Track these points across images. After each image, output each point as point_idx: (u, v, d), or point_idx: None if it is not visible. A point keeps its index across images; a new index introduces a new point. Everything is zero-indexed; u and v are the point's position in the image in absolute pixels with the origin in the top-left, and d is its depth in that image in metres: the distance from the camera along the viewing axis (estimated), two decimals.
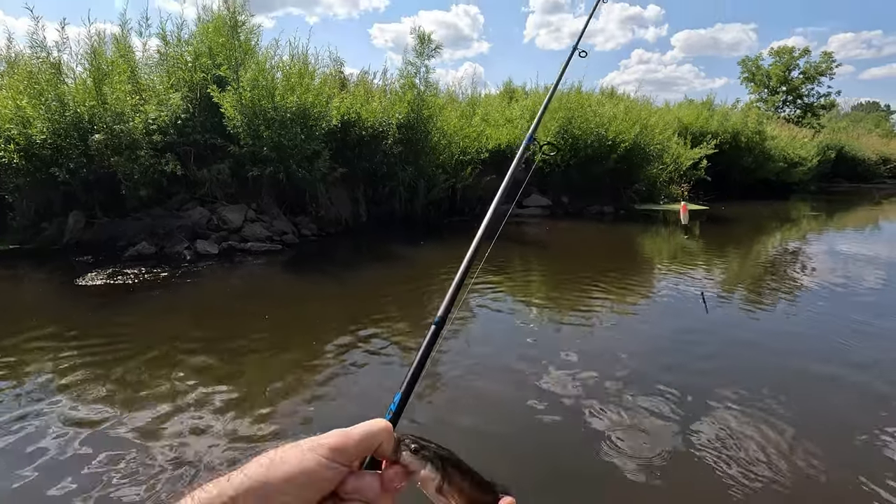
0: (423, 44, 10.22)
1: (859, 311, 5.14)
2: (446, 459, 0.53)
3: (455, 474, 0.53)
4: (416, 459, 0.51)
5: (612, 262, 7.88)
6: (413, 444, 0.52)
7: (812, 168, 21.15)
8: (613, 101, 15.25)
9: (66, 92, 7.03)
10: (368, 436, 0.50)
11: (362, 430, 0.50)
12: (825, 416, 3.10)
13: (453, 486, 0.52)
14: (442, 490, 0.52)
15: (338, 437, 0.48)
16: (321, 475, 0.46)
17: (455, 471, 0.53)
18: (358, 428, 0.50)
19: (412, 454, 0.51)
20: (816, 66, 34.35)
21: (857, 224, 12.76)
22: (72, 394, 3.14)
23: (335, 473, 0.47)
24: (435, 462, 0.52)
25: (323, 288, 6.03)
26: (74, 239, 7.27)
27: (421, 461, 0.51)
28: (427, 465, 0.51)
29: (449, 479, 0.52)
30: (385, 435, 0.51)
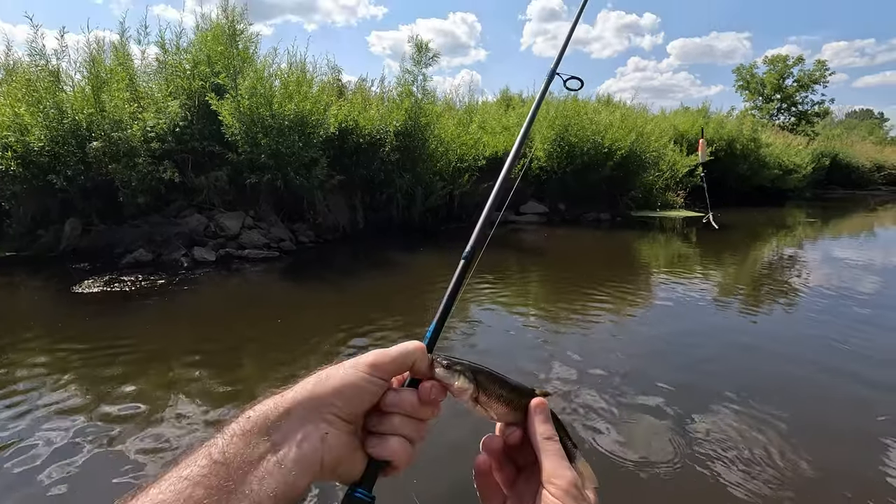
0: (420, 52, 10.30)
1: (856, 316, 5.17)
2: (478, 371, 0.56)
3: (488, 383, 0.56)
4: (448, 373, 0.55)
5: (610, 268, 7.90)
6: (445, 361, 0.55)
7: (807, 175, 21.32)
8: (609, 108, 15.37)
9: (64, 100, 7.04)
10: (403, 354, 0.54)
11: (398, 348, 0.54)
12: (822, 419, 3.10)
13: (488, 394, 0.56)
14: (478, 399, 0.56)
15: (376, 355, 0.53)
16: (363, 388, 0.51)
17: (487, 380, 0.56)
18: (394, 347, 0.54)
19: (445, 369, 0.55)
20: (810, 74, 34.71)
21: (852, 231, 12.85)
22: (67, 401, 3.12)
23: (376, 387, 0.52)
24: (466, 374, 0.55)
25: (321, 295, 6.03)
26: (71, 246, 7.25)
27: (453, 374, 0.55)
28: (459, 378, 0.55)
29: (483, 388, 0.56)
30: (419, 353, 0.55)
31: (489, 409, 0.56)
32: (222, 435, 0.46)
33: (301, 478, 0.46)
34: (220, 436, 0.46)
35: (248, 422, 0.47)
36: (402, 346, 0.55)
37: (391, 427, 0.53)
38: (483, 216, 0.73)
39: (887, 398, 3.38)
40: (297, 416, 0.48)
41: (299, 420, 0.48)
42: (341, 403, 0.50)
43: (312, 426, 0.48)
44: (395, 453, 0.52)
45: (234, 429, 0.46)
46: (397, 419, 0.53)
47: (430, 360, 0.55)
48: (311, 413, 0.48)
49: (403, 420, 0.53)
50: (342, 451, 0.50)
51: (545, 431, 0.56)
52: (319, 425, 0.48)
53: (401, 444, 0.53)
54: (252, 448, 0.45)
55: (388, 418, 0.53)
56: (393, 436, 0.53)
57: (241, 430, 0.46)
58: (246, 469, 0.44)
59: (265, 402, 0.49)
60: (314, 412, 0.49)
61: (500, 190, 0.79)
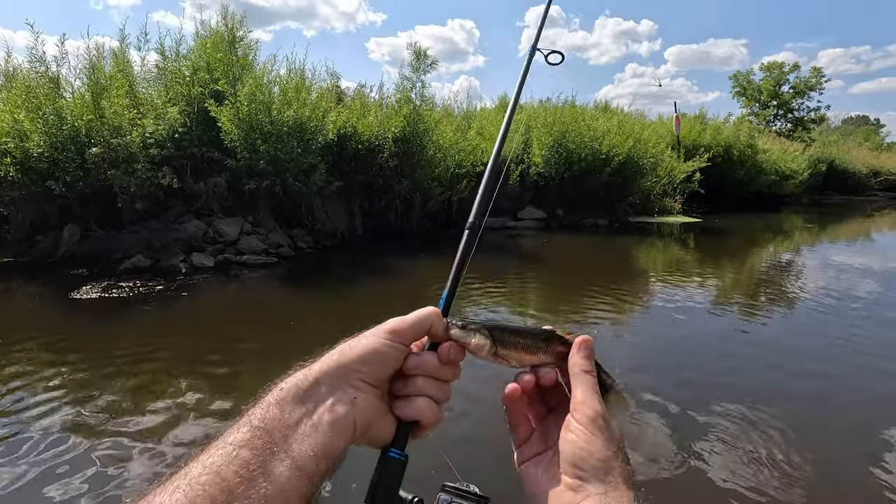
0: (419, 59, 10.36)
1: (855, 320, 5.19)
2: (493, 327, 0.59)
3: (503, 335, 0.59)
4: (464, 332, 0.58)
5: (609, 274, 7.92)
6: (460, 322, 0.59)
7: (804, 181, 21.41)
8: (607, 115, 15.44)
9: (63, 106, 7.06)
10: (420, 318, 0.57)
11: (414, 314, 0.58)
12: (823, 423, 3.11)
13: (506, 346, 0.59)
14: (497, 353, 0.59)
15: (394, 321, 0.57)
16: (386, 354, 0.54)
17: (503, 333, 0.59)
18: (411, 314, 0.57)
19: (461, 329, 0.58)
20: (806, 81, 34.96)
21: (849, 236, 12.90)
22: (64, 408, 3.11)
23: (397, 352, 0.55)
24: (482, 331, 0.58)
25: (319, 301, 6.03)
26: (69, 252, 7.25)
27: (469, 332, 0.58)
28: (476, 335, 0.58)
29: (499, 342, 0.59)
30: (434, 318, 0.58)
31: (510, 359, 0.59)
32: (258, 406, 0.49)
33: (337, 439, 0.49)
34: (257, 407, 0.49)
35: (280, 392, 0.50)
36: (418, 311, 0.58)
37: (416, 388, 0.56)
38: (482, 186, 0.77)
39: (888, 401, 3.39)
40: (326, 384, 0.51)
41: (329, 387, 0.51)
42: (367, 369, 0.53)
43: (342, 392, 0.51)
44: (422, 412, 0.55)
45: (269, 399, 0.50)
46: (421, 380, 0.56)
47: (445, 323, 0.58)
48: (340, 380, 0.52)
49: (427, 381, 0.56)
50: (372, 413, 0.53)
51: (584, 365, 0.58)
52: (348, 391, 0.51)
53: (426, 404, 0.56)
54: (289, 414, 0.48)
55: (412, 381, 0.56)
56: (418, 396, 0.56)
57: (276, 399, 0.49)
58: (285, 432, 0.47)
59: (294, 375, 0.53)
60: (342, 379, 0.52)
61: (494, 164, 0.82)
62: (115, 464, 2.55)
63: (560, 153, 12.65)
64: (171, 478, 0.43)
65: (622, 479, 0.51)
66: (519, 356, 0.59)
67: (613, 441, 0.53)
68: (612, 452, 0.52)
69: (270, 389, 0.51)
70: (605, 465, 0.51)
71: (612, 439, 0.53)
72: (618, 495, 0.49)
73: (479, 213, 0.73)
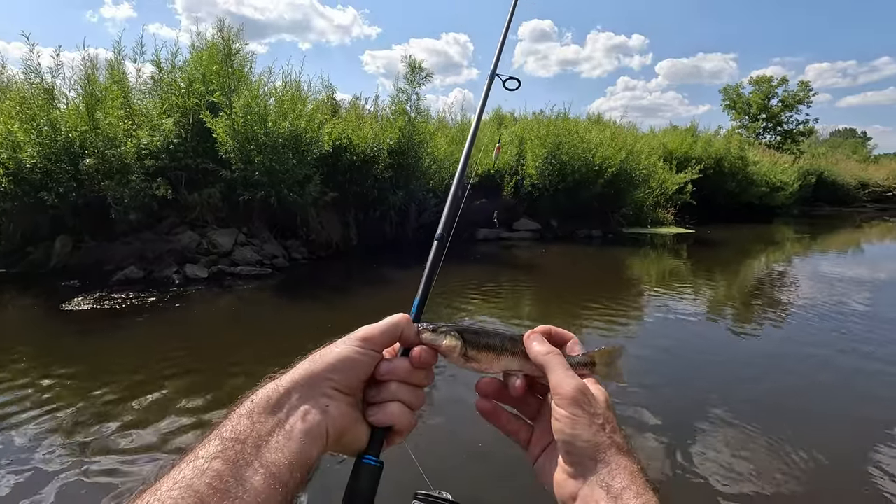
0: (413, 72, 10.46)
1: (847, 329, 5.23)
2: (463, 330, 0.59)
3: (474, 338, 0.59)
4: (435, 336, 0.58)
5: (603, 284, 7.95)
6: (431, 326, 0.59)
7: (794, 192, 21.68)
8: (600, 127, 15.62)
9: (58, 117, 7.05)
10: (391, 325, 0.58)
11: (385, 321, 0.58)
12: (817, 433, 3.12)
13: (477, 348, 0.59)
14: (467, 354, 0.59)
15: (365, 329, 0.57)
16: (357, 360, 0.54)
17: (473, 335, 0.59)
18: (382, 321, 0.58)
19: (431, 333, 0.58)
20: (794, 94, 35.56)
21: (840, 247, 13.04)
22: (53, 420, 3.07)
23: (369, 359, 0.55)
24: (452, 334, 0.59)
25: (313, 313, 6.00)
26: (61, 263, 7.19)
27: (440, 335, 0.58)
28: (446, 338, 0.58)
29: (470, 343, 0.59)
30: (405, 323, 0.58)
31: (481, 361, 0.59)
32: (229, 419, 0.49)
33: (311, 447, 0.49)
34: (228, 420, 0.48)
35: (251, 404, 0.50)
36: (388, 318, 0.58)
37: (389, 394, 0.56)
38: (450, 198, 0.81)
39: (880, 408, 3.41)
40: (298, 393, 0.51)
41: (301, 397, 0.50)
42: (338, 377, 0.53)
43: (314, 401, 0.51)
44: (395, 417, 0.55)
45: (240, 412, 0.49)
46: (393, 385, 0.56)
47: (416, 328, 0.59)
48: (311, 389, 0.51)
49: (400, 386, 0.56)
50: (344, 421, 0.52)
51: (542, 349, 0.58)
52: (320, 400, 0.51)
53: (400, 409, 0.55)
54: (261, 425, 0.48)
55: (385, 387, 0.56)
56: (392, 402, 0.55)
57: (247, 411, 0.49)
58: (258, 442, 0.47)
59: (265, 386, 0.52)
60: (313, 388, 0.51)
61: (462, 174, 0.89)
62: (105, 477, 2.51)
63: (554, 165, 12.76)
64: (140, 495, 0.42)
65: (615, 449, 0.51)
66: (489, 358, 0.59)
67: (598, 414, 0.53)
68: (598, 426, 0.52)
69: (241, 402, 0.50)
70: (593, 444, 0.51)
71: (597, 412, 0.53)
72: (613, 470, 0.49)
73: (446, 226, 0.75)
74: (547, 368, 0.57)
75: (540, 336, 0.61)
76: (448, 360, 0.59)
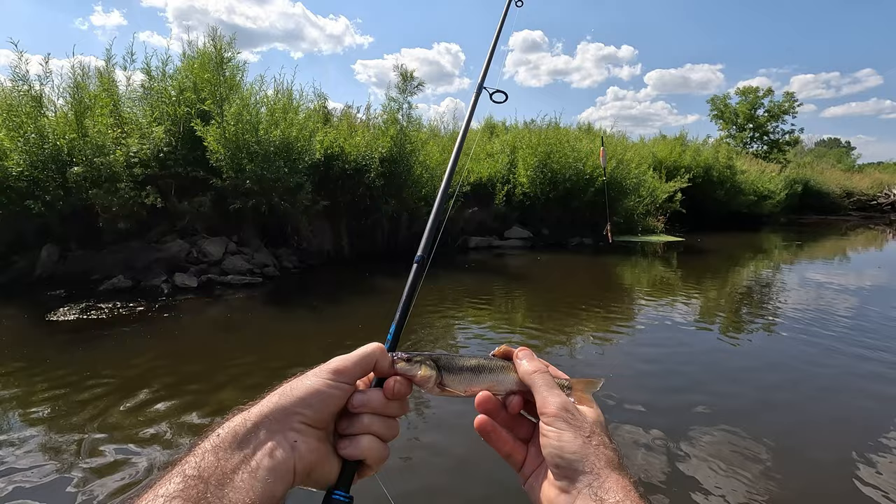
0: (405, 81, 10.51)
1: (835, 336, 5.28)
2: (437, 359, 0.58)
3: (449, 364, 0.58)
4: (409, 365, 0.57)
5: (595, 292, 7.97)
6: (405, 355, 0.58)
7: (781, 201, 21.99)
8: (590, 136, 15.78)
9: (45, 125, 6.98)
10: (364, 355, 0.56)
11: (358, 351, 0.56)
12: (805, 439, 3.14)
13: (453, 375, 0.58)
14: (442, 383, 0.58)
15: (338, 361, 0.55)
16: (328, 394, 0.52)
17: (449, 362, 0.59)
18: (355, 351, 0.56)
19: (406, 362, 0.57)
20: (780, 105, 36.18)
21: (827, 254, 13.22)
22: (38, 433, 3.00)
23: (341, 391, 0.53)
24: (427, 363, 0.58)
25: (303, 322, 5.96)
26: (47, 272, 7.08)
27: (414, 365, 0.57)
28: (421, 367, 0.57)
29: (446, 370, 0.58)
30: (379, 353, 0.57)
31: (457, 388, 0.58)
32: (193, 454, 0.46)
33: (276, 485, 0.47)
34: (191, 455, 0.46)
35: (217, 438, 0.47)
36: (362, 348, 0.57)
37: (361, 426, 0.54)
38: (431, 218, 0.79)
39: (869, 414, 3.44)
40: (265, 427, 0.49)
41: (268, 432, 0.48)
42: (308, 411, 0.51)
43: (281, 436, 0.49)
44: (367, 451, 0.53)
45: (204, 446, 0.47)
46: (366, 418, 0.54)
47: (390, 358, 0.57)
48: (279, 423, 0.49)
49: (372, 419, 0.54)
50: (313, 456, 0.50)
51: (530, 367, 0.58)
52: (288, 434, 0.49)
53: (371, 442, 0.54)
54: (225, 461, 0.45)
55: (358, 419, 0.54)
56: (364, 435, 0.54)
57: (213, 446, 0.46)
58: (222, 480, 0.44)
59: (232, 418, 0.49)
60: (282, 422, 0.49)
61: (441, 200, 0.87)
62: (88, 490, 2.46)
63: (545, 173, 12.85)
64: None
65: (605, 462, 0.50)
66: (466, 385, 0.58)
67: (584, 428, 0.52)
68: (585, 438, 0.51)
69: (207, 435, 0.48)
70: (581, 456, 0.50)
71: (583, 426, 0.52)
72: (605, 483, 0.48)
73: (427, 247, 0.74)
74: (533, 387, 0.57)
75: (529, 352, 0.60)
76: (423, 389, 0.58)
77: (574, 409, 0.54)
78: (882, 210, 30.50)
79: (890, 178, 35.13)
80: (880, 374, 4.28)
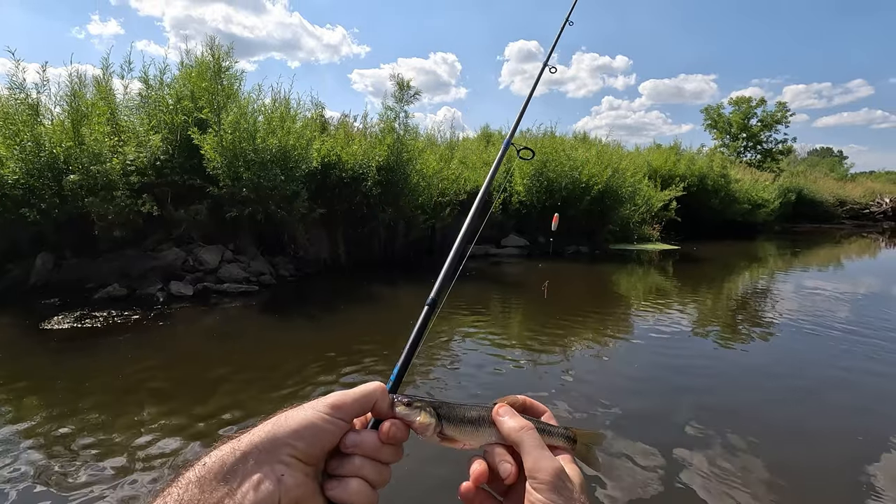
0: (402, 90, 10.58)
1: (830, 344, 5.31)
2: (438, 406, 0.56)
3: (450, 413, 0.56)
4: (409, 410, 0.55)
5: (592, 300, 7.99)
6: (406, 399, 0.55)
7: (775, 210, 22.14)
8: (586, 145, 15.87)
9: (42, 133, 6.97)
10: (364, 394, 0.53)
11: (359, 389, 0.54)
12: (802, 448, 3.14)
13: (453, 425, 0.56)
14: (443, 432, 0.56)
15: (337, 396, 0.53)
16: (322, 429, 0.50)
17: (450, 411, 0.56)
18: (356, 388, 0.54)
19: (406, 407, 0.55)
20: (772, 114, 36.56)
21: (821, 262, 13.30)
22: (30, 442, 2.97)
23: (336, 428, 0.51)
24: (427, 409, 0.55)
25: (299, 331, 5.93)
26: (41, 281, 7.03)
27: (414, 410, 0.55)
28: (421, 413, 0.55)
29: (447, 419, 0.56)
30: (379, 394, 0.54)
31: (457, 438, 0.56)
32: (177, 484, 0.44)
33: None
34: (175, 485, 0.44)
35: (203, 468, 0.45)
36: (363, 386, 0.54)
37: (351, 469, 0.51)
38: (446, 266, 0.75)
39: (863, 421, 3.45)
40: (254, 458, 0.47)
41: (257, 462, 0.46)
42: (300, 444, 0.49)
43: (269, 468, 0.47)
44: (354, 495, 0.50)
45: (189, 477, 0.45)
46: (358, 460, 0.52)
47: (391, 400, 0.55)
48: (268, 455, 0.47)
49: (364, 462, 0.52)
50: (299, 492, 0.48)
51: (514, 425, 0.55)
52: (276, 467, 0.47)
53: (360, 486, 0.51)
54: (209, 494, 0.44)
55: (349, 460, 0.52)
56: (353, 478, 0.51)
57: (197, 476, 0.45)
58: None
59: (222, 447, 0.48)
60: (271, 454, 0.47)
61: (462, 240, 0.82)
62: (79, 498, 2.43)
63: (541, 182, 12.92)
64: None
65: None
66: (466, 435, 0.56)
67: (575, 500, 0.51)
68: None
69: (193, 465, 0.46)
70: None
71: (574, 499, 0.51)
72: None
73: (441, 290, 0.71)
74: (521, 447, 0.54)
75: (509, 409, 0.57)
76: (421, 437, 0.55)
77: (566, 477, 0.52)
78: (875, 218, 30.79)
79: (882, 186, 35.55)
80: (879, 380, 4.30)
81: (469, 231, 0.84)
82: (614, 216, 14.32)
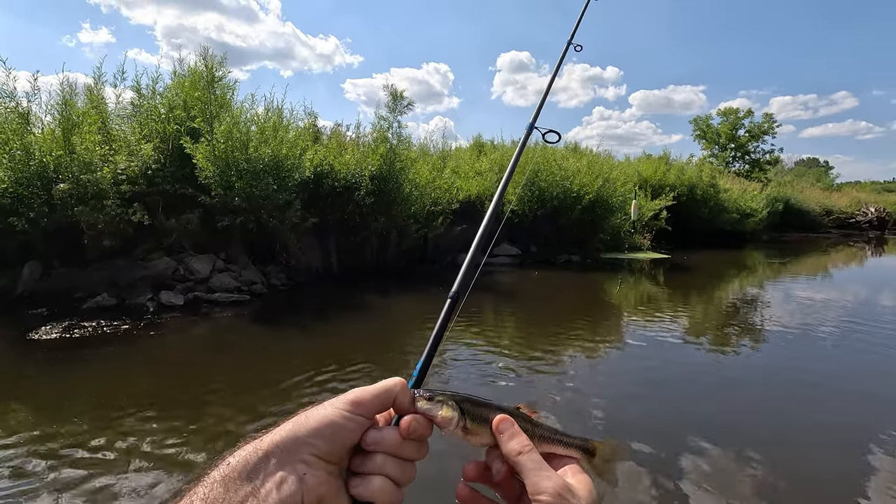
0: (395, 100, 10.65)
1: (821, 352, 5.37)
2: (461, 400, 0.55)
3: (473, 409, 0.55)
4: (431, 404, 0.54)
5: (583, 309, 8.03)
6: (427, 393, 0.54)
7: (763, 219, 22.43)
8: (577, 155, 16.03)
9: (32, 141, 6.92)
10: (384, 390, 0.53)
11: (379, 385, 0.54)
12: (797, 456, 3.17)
13: (476, 421, 0.55)
14: (466, 427, 0.54)
15: (357, 392, 0.52)
16: (343, 426, 0.50)
17: (473, 406, 0.55)
18: (375, 384, 0.54)
19: (427, 401, 0.54)
20: (760, 125, 37.17)
21: (809, 271, 13.48)
22: (14, 459, 2.92)
23: (356, 425, 0.51)
24: (449, 404, 0.54)
25: (290, 341, 5.90)
26: (29, 290, 6.94)
27: (436, 404, 0.54)
28: (443, 407, 0.54)
29: (469, 415, 0.55)
30: (400, 389, 0.54)
31: (480, 435, 0.55)
32: (203, 483, 0.45)
33: None
34: (201, 484, 0.45)
35: (227, 468, 0.46)
36: (383, 382, 0.54)
37: (374, 466, 0.51)
38: (468, 258, 0.75)
39: (858, 427, 3.49)
40: (276, 457, 0.47)
41: (279, 462, 0.47)
42: (320, 443, 0.49)
43: (290, 467, 0.47)
44: (377, 493, 0.50)
45: (214, 476, 0.46)
46: (380, 458, 0.51)
47: (412, 395, 0.54)
48: (291, 454, 0.47)
49: (387, 459, 0.51)
50: (321, 490, 0.48)
51: (514, 447, 0.54)
52: (298, 466, 0.47)
53: (383, 484, 0.50)
54: (234, 493, 0.44)
55: (371, 457, 0.51)
56: (375, 476, 0.51)
57: (222, 476, 0.45)
58: None
59: (245, 447, 0.48)
60: (293, 453, 0.48)
61: (484, 232, 0.80)
62: None
63: (533, 191, 13.01)
64: None
65: None
66: (489, 433, 0.55)
67: None
68: None
69: (217, 464, 0.47)
70: None
71: None
72: None
73: (463, 283, 0.70)
74: (520, 470, 0.53)
75: (510, 424, 0.56)
76: (444, 432, 0.54)
77: (569, 493, 0.50)
78: (860, 227, 31.30)
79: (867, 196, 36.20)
80: (872, 386, 4.35)
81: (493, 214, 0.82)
82: (605, 225, 14.43)
